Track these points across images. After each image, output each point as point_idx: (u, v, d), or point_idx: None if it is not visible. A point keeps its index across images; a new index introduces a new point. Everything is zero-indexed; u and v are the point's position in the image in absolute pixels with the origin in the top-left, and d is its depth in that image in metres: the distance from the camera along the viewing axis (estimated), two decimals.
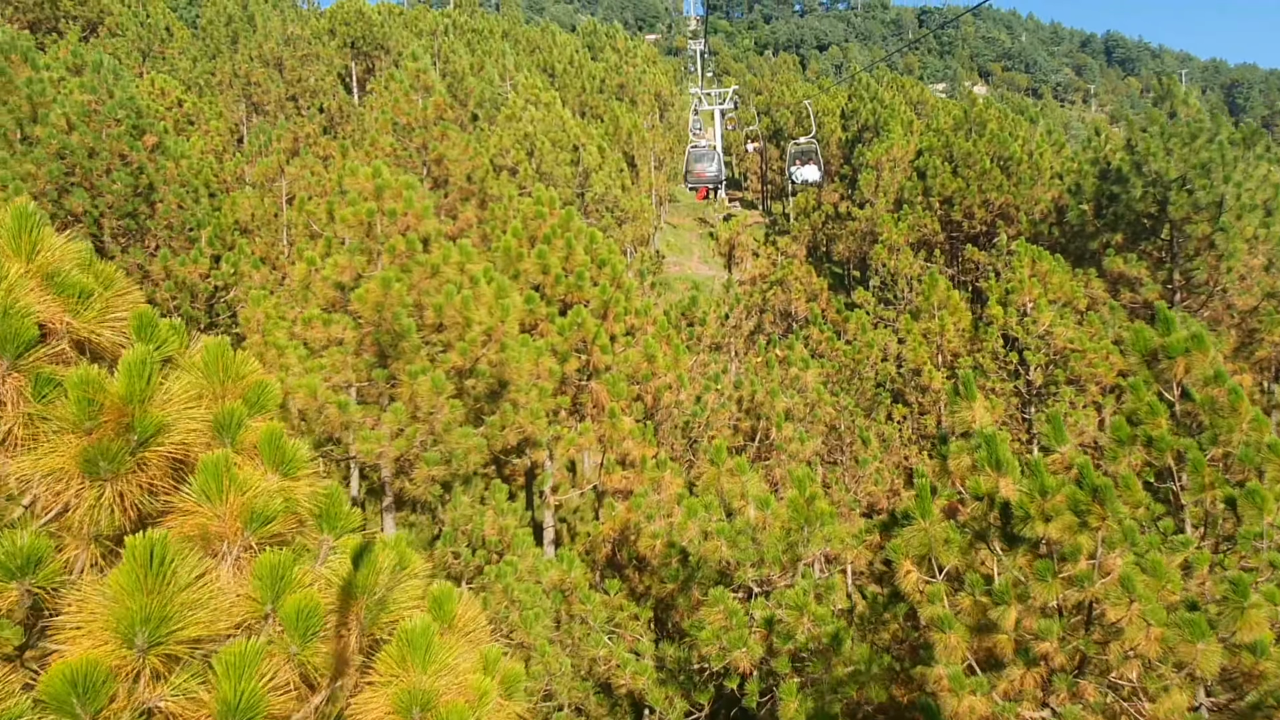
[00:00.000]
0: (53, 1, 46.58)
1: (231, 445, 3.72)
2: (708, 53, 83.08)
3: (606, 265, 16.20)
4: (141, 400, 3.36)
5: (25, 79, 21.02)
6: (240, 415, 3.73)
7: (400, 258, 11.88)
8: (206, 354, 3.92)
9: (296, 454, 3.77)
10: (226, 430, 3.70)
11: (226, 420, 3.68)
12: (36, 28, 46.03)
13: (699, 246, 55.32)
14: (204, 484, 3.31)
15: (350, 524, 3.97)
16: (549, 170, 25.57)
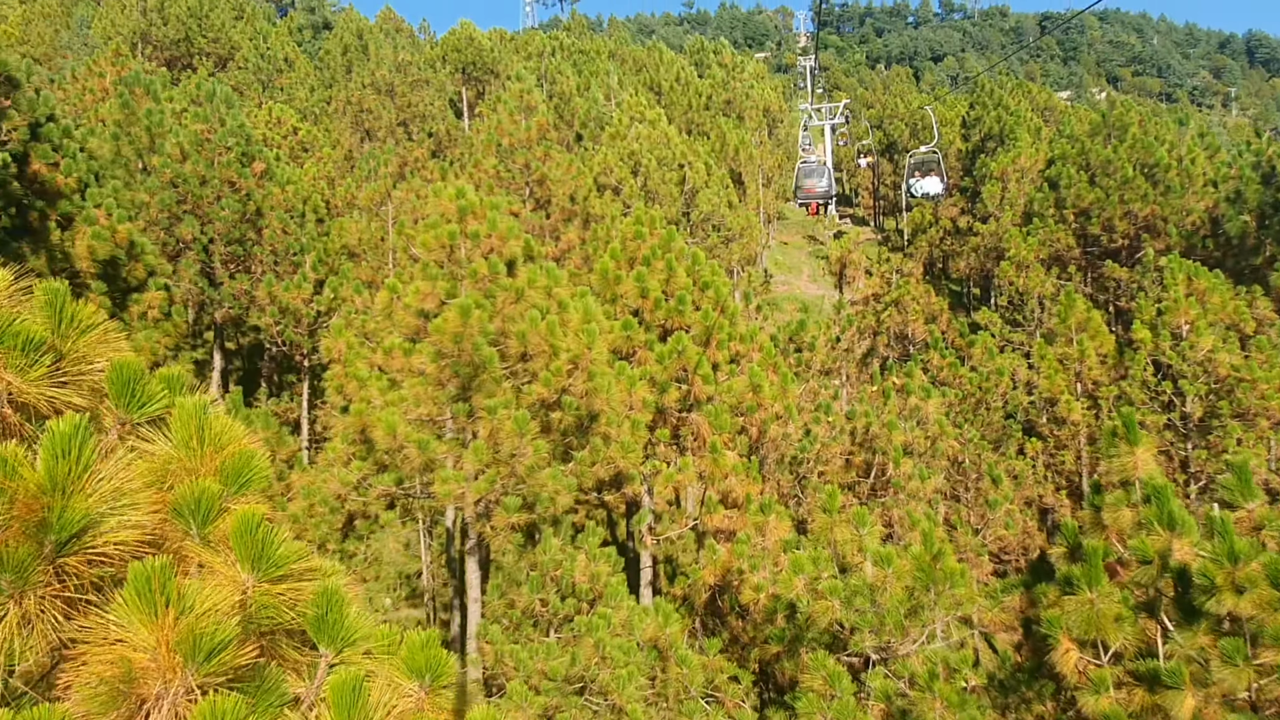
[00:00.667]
0: (188, 39, 49.22)
1: (199, 537, 2.90)
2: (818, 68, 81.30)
3: (709, 288, 15.20)
4: (66, 488, 2.56)
5: (145, 110, 21.66)
6: (210, 498, 2.90)
7: (483, 282, 11.21)
8: (179, 418, 3.11)
9: (282, 547, 2.92)
10: (193, 516, 2.88)
11: (190, 504, 2.86)
12: (173, 65, 48.66)
13: (808, 265, 53.66)
14: (132, 601, 2.48)
15: (353, 634, 3.09)
16: (654, 189, 24.82)
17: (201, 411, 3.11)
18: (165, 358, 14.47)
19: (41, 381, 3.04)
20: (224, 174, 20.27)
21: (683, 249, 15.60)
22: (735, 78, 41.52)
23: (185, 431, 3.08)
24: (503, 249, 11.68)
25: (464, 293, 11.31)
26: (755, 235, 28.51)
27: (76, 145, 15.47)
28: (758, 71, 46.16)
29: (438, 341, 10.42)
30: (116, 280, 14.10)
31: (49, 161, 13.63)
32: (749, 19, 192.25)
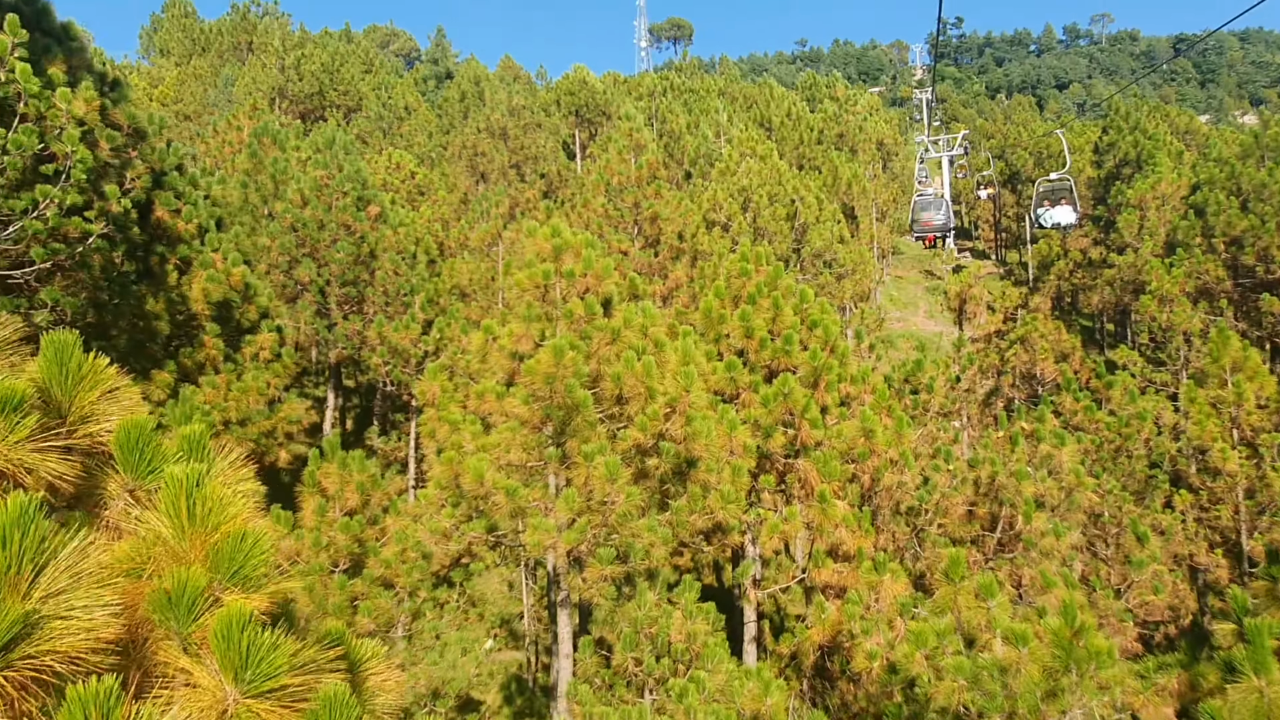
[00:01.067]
0: (320, 93, 51.92)
1: (180, 639, 2.47)
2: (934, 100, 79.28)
3: (818, 327, 14.43)
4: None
5: (272, 159, 22.60)
6: (193, 591, 2.47)
7: (577, 323, 10.82)
8: (166, 490, 2.71)
9: (277, 652, 2.46)
10: (172, 613, 2.45)
11: (168, 598, 2.44)
12: (307, 117, 51.40)
13: (925, 300, 51.69)
14: None
15: None
16: (764, 225, 24.22)
17: (194, 482, 2.70)
18: (277, 397, 14.73)
19: (22, 446, 2.70)
20: (340, 218, 20.84)
21: (790, 286, 14.90)
22: (848, 111, 40.59)
23: (173, 506, 2.68)
24: (599, 288, 11.29)
25: (559, 334, 10.96)
26: (868, 271, 27.43)
27: (201, 193, 16.10)
28: (871, 104, 45.09)
29: (530, 384, 10.07)
30: (230, 322, 14.48)
31: (171, 208, 14.17)
32: (863, 54, 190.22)
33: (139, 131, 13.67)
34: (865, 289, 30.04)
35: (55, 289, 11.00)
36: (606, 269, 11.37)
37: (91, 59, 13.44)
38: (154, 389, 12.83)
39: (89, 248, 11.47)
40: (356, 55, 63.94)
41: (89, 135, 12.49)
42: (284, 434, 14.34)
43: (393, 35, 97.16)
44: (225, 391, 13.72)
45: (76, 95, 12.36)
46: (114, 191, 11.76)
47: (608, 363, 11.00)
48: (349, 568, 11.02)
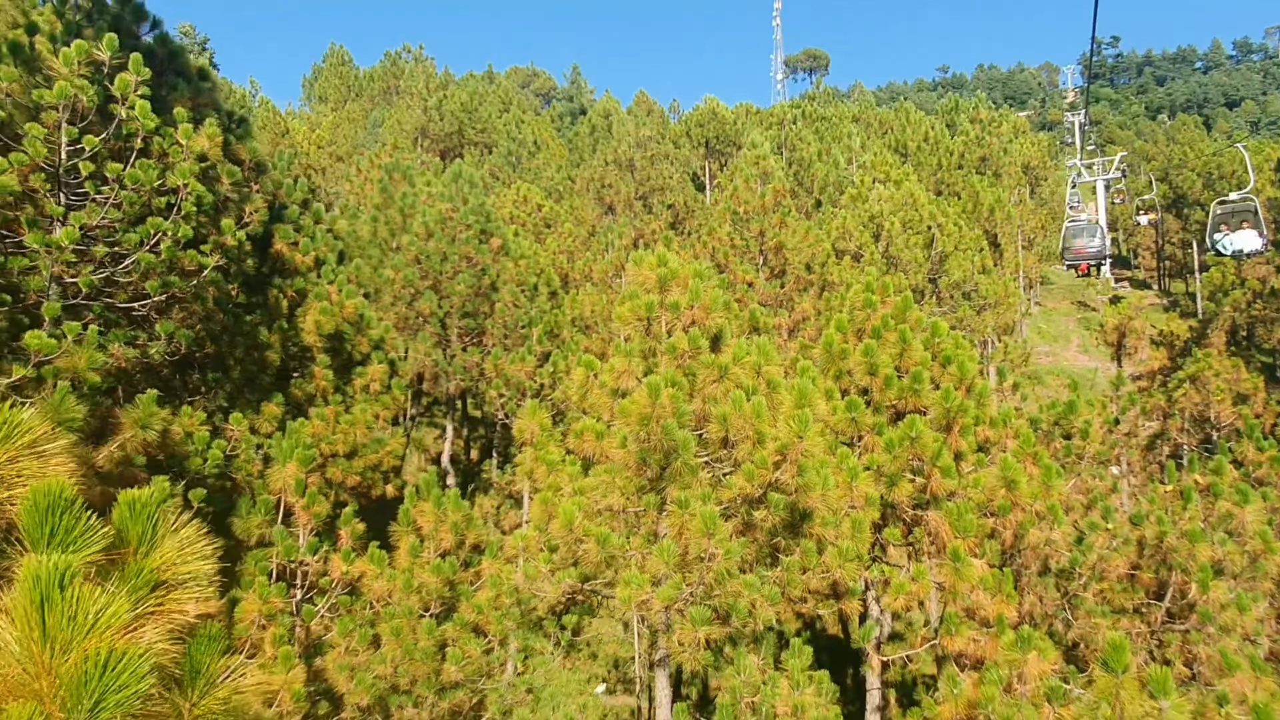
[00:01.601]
0: (460, 132, 53.74)
1: None
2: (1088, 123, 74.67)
3: (952, 363, 13.11)
4: None
5: (400, 193, 23.08)
6: None
7: (681, 359, 10.05)
8: (19, 595, 2.11)
9: None
10: None
11: None
12: (446, 154, 53.28)
13: (1078, 333, 48.11)
14: None
15: None
16: (896, 254, 22.82)
17: (56, 580, 2.08)
18: (385, 430, 14.64)
19: None
20: (463, 250, 20.95)
21: (920, 318, 13.65)
22: (991, 133, 38.37)
23: (26, 615, 2.05)
24: (706, 321, 10.50)
25: (663, 370, 10.22)
26: (1013, 302, 25.43)
27: (323, 227, 16.37)
28: (1017, 126, 42.55)
29: (626, 424, 9.36)
30: (342, 354, 14.53)
31: (289, 241, 14.39)
32: (1009, 78, 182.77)
33: (260, 166, 13.95)
34: (1009, 321, 27.94)
35: (169, 322, 11.17)
36: (715, 301, 10.57)
37: (219, 98, 13.86)
38: (263, 421, 12.91)
39: (203, 280, 11.63)
40: (495, 95, 66.10)
41: (211, 170, 12.81)
42: (389, 467, 14.19)
43: (533, 75, 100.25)
44: (333, 424, 13.70)
45: (200, 132, 12.68)
46: (229, 225, 11.92)
47: (714, 402, 10.17)
48: (441, 611, 10.57)
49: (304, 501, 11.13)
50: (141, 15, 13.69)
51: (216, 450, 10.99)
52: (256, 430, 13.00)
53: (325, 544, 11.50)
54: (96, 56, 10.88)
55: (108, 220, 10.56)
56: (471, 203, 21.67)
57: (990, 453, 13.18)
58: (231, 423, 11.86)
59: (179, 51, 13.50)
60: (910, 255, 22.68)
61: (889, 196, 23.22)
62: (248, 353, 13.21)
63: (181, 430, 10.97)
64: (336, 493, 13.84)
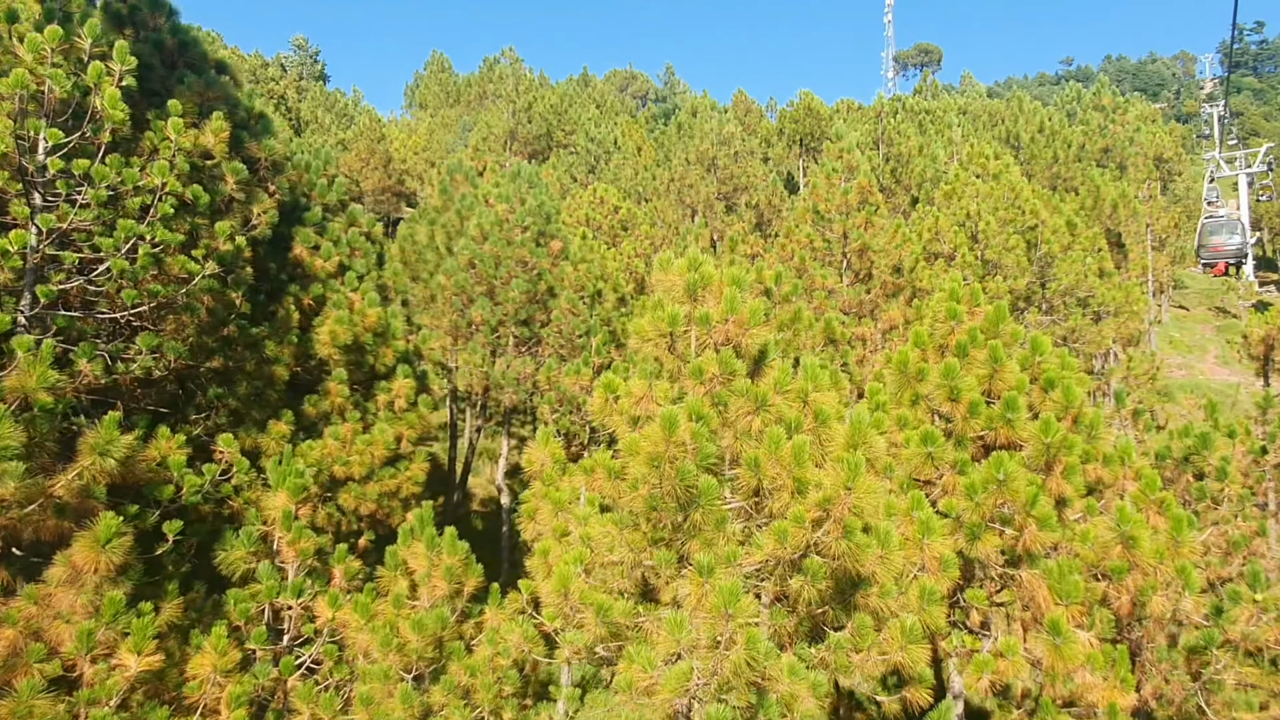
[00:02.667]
0: (548, 134, 53.08)
1: None
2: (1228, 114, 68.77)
3: (1055, 388, 10.89)
4: None
5: (460, 195, 22.02)
6: None
7: (710, 384, 8.29)
8: None
9: None
10: None
11: None
12: (534, 157, 52.69)
13: (1216, 343, 43.54)
14: None
15: None
16: (995, 256, 20.33)
17: None
18: (410, 453, 13.39)
19: None
20: (517, 253, 19.68)
21: (1016, 332, 11.46)
22: (1115, 122, 34.81)
23: None
24: (743, 339, 8.71)
25: (691, 396, 8.48)
26: (1139, 310, 22.44)
27: (359, 230, 15.30)
28: (1145, 114, 38.64)
29: (635, 464, 7.69)
30: (363, 367, 13.35)
31: (310, 245, 13.31)
32: (1140, 69, 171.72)
33: (277, 165, 12.92)
34: (1134, 331, 24.84)
35: (150, 335, 10.12)
36: (755, 314, 8.76)
37: (235, 92, 12.89)
38: (270, 441, 11.80)
39: (195, 289, 10.56)
40: (589, 97, 65.32)
41: (217, 169, 11.79)
42: (409, 494, 12.91)
43: (631, 78, 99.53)
44: (350, 445, 12.51)
45: (205, 127, 11.69)
46: (224, 228, 10.84)
47: (748, 439, 8.39)
48: (429, 671, 9.13)
49: (290, 536, 9.89)
50: (159, 6, 12.85)
51: (193, 477, 9.86)
52: (263, 451, 11.90)
53: (317, 583, 10.26)
54: (77, 45, 9.94)
55: (82, 223, 9.58)
56: (529, 203, 20.37)
57: (1103, 497, 10.89)
58: (221, 444, 10.77)
59: (192, 43, 12.58)
60: (1010, 258, 20.13)
61: (987, 192, 20.70)
62: (258, 367, 12.14)
63: (158, 454, 9.90)
64: (350, 521, 12.65)
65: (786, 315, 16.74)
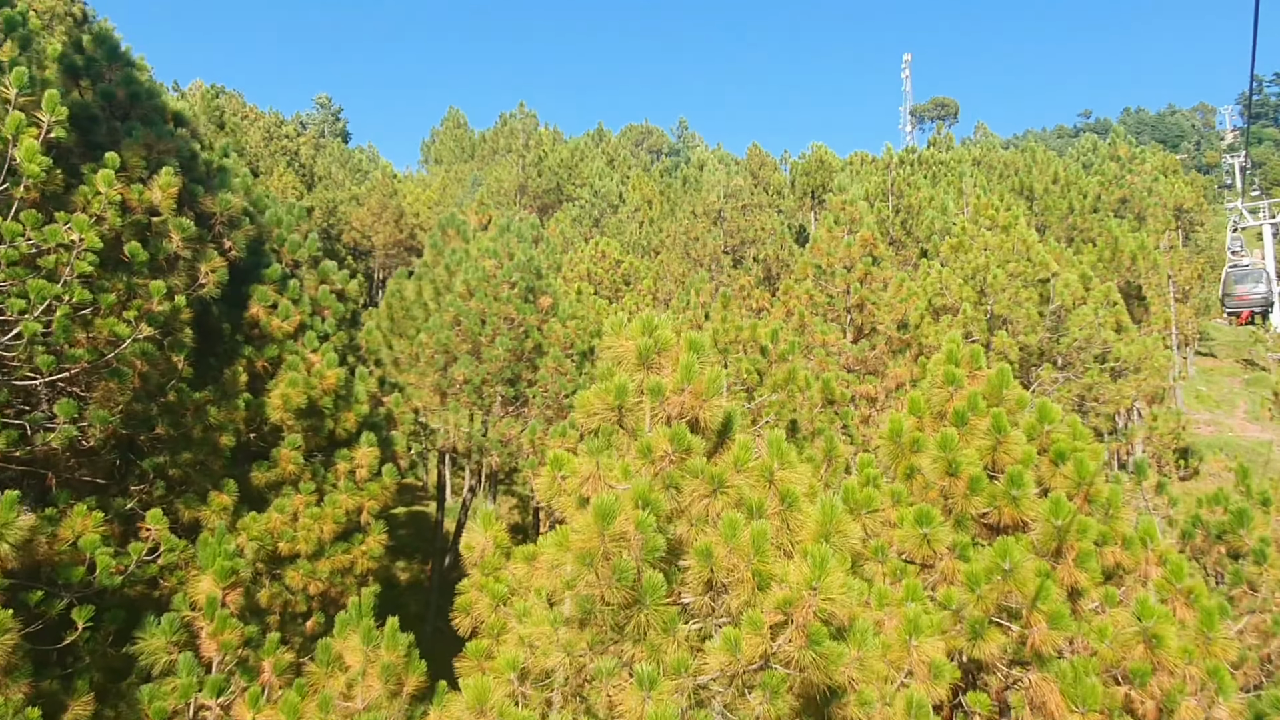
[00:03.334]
0: (558, 188, 52.93)
1: None
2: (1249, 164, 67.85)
3: (1066, 461, 9.82)
4: None
5: (450, 250, 21.40)
6: None
7: (661, 464, 7.33)
8: None
9: None
10: None
11: None
12: (544, 211, 52.48)
13: (1244, 396, 42.00)
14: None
15: None
16: (1004, 311, 19.31)
17: None
18: (367, 524, 12.44)
19: None
20: (503, 310, 18.91)
21: (1021, 398, 10.43)
22: (1132, 171, 33.90)
23: None
24: (701, 411, 7.75)
25: (639, 478, 7.52)
26: (1160, 365, 21.26)
27: (330, 288, 14.61)
28: (1164, 164, 37.70)
29: (556, 560, 6.72)
30: (321, 432, 12.49)
31: (267, 304, 12.57)
32: (1159, 121, 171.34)
33: (233, 221, 12.24)
34: (1156, 388, 23.60)
35: (70, 403, 9.33)
36: (715, 384, 7.81)
37: (193, 145, 12.29)
38: (210, 514, 10.91)
39: (123, 352, 9.79)
40: (601, 151, 65.44)
41: (163, 225, 11.12)
42: (365, 570, 11.93)
43: (647, 133, 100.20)
44: (299, 517, 11.59)
45: (152, 182, 11.06)
46: (158, 288, 10.10)
47: (705, 526, 7.39)
48: None
49: (212, 626, 8.93)
50: (116, 57, 12.35)
51: (106, 558, 8.97)
52: (204, 525, 11.01)
53: (245, 678, 9.26)
54: (2, 94, 9.34)
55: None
56: (518, 258, 19.67)
57: (1123, 584, 9.73)
58: (149, 521, 9.88)
59: (145, 94, 12.03)
60: (1021, 312, 19.08)
61: (995, 244, 19.77)
62: (204, 434, 11.31)
63: (71, 533, 9.03)
64: (299, 601, 11.67)
65: (781, 375, 15.77)
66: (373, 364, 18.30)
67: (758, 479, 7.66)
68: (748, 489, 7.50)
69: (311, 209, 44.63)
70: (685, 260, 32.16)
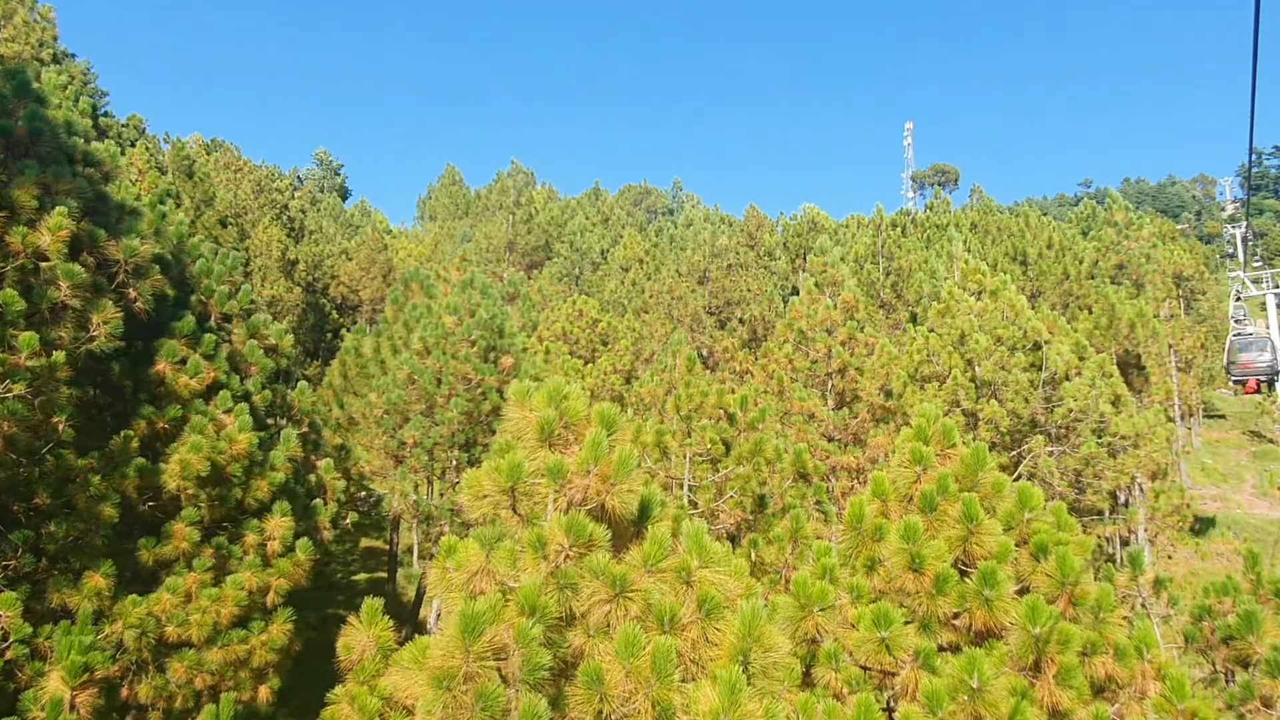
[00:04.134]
0: (547, 245, 52.35)
1: None
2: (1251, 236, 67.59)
3: (1048, 555, 8.58)
4: None
5: (410, 306, 20.42)
6: None
7: (555, 559, 6.13)
8: None
9: None
10: None
11: None
12: (532, 267, 51.81)
13: (1252, 470, 40.56)
14: None
15: None
16: (989, 377, 18.17)
17: None
18: (275, 605, 11.14)
19: None
20: (461, 369, 17.82)
21: (999, 482, 9.23)
22: (1129, 237, 33.08)
23: None
24: (609, 495, 6.57)
25: (531, 574, 6.30)
26: (1161, 438, 20.03)
27: (259, 344, 13.56)
28: (1162, 230, 36.92)
29: (408, 695, 5.48)
30: (227, 502, 11.27)
31: (175, 359, 11.48)
32: (1159, 192, 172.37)
33: (139, 270, 11.22)
34: (1158, 463, 22.32)
35: None
36: (625, 464, 6.64)
37: (101, 187, 11.34)
38: (80, 598, 9.64)
39: None
40: (596, 210, 65.16)
41: (51, 272, 10.10)
42: (265, 662, 10.59)
43: (645, 193, 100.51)
44: (193, 599, 10.32)
45: (41, 225, 10.07)
46: (28, 341, 9.02)
47: (604, 638, 6.16)
48: None
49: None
50: (25, 93, 11.48)
51: None
52: (74, 611, 9.74)
53: None
54: None
55: None
56: (479, 315, 18.65)
57: (1116, 700, 8.40)
58: (1, 606, 8.63)
59: (48, 131, 11.11)
60: (1010, 379, 17.94)
61: (982, 309, 18.73)
62: (87, 504, 10.11)
63: None
64: (186, 696, 10.32)
65: (747, 446, 14.58)
66: (322, 424, 17.15)
67: (673, 580, 6.46)
68: (658, 593, 6.30)
69: (296, 261, 43.94)
70: (668, 320, 31.18)
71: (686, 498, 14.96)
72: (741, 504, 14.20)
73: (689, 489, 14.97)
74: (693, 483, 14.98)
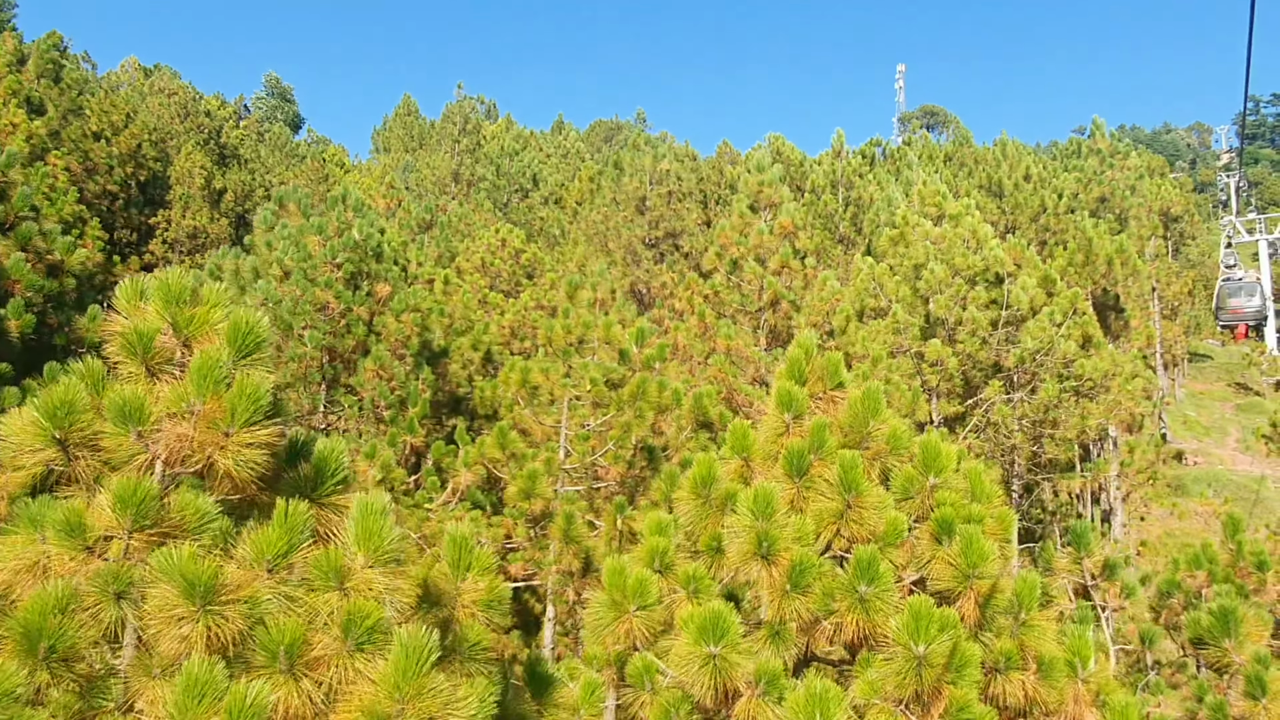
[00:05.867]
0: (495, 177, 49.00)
1: None
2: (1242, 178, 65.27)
3: (950, 538, 6.12)
4: None
5: (280, 224, 17.66)
6: None
7: (104, 552, 3.61)
8: None
9: None
10: None
11: None
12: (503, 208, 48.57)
13: (1236, 424, 38.47)
14: None
15: None
16: (942, 313, 15.70)
17: None
18: None
19: None
20: (319, 296, 15.18)
21: (896, 434, 6.72)
22: (1114, 166, 30.41)
23: None
24: (221, 452, 4.07)
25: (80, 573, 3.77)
26: (1133, 386, 17.67)
27: (21, 259, 10.90)
28: (1149, 164, 34.29)
29: None
30: None
31: None
32: (1154, 139, 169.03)
33: None
34: (1134, 413, 19.99)
35: None
36: (253, 399, 4.11)
37: None
38: None
39: None
40: (555, 145, 61.72)
41: None
42: None
43: (615, 128, 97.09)
44: None
45: None
46: None
47: (171, 681, 3.66)
48: None
49: None
50: None
51: None
52: None
53: None
54: None
55: None
56: (347, 236, 15.95)
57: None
58: None
59: None
60: (967, 317, 15.46)
61: (939, 236, 16.16)
62: None
63: None
64: None
65: (630, 389, 12.07)
66: None
67: (322, 586, 4.00)
68: (279, 606, 3.80)
69: (224, 190, 40.77)
70: (603, 253, 28.45)
71: (563, 450, 12.50)
72: (621, 457, 11.75)
73: (565, 440, 12.51)
74: (570, 432, 12.51)
